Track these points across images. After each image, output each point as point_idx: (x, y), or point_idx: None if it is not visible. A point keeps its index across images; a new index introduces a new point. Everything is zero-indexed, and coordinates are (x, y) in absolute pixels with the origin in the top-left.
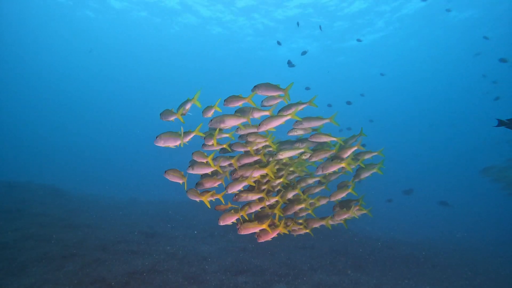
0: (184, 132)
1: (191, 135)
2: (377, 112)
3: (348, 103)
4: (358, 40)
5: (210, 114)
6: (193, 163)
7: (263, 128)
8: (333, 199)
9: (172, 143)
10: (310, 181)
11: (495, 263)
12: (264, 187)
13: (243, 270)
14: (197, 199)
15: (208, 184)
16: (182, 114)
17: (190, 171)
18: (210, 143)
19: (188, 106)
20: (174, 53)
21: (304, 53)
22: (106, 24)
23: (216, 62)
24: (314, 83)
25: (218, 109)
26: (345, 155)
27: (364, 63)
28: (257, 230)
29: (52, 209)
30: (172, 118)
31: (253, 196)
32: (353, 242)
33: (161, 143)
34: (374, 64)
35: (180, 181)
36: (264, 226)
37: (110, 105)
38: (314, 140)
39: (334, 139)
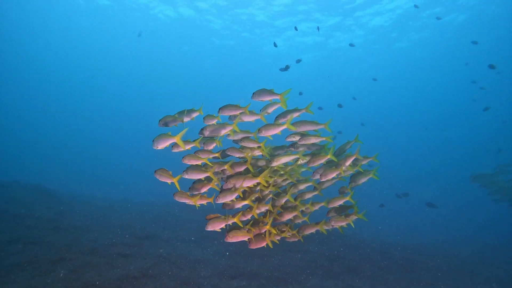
0: (183, 141)
1: (191, 145)
2: (368, 115)
3: (339, 106)
4: (351, 45)
5: (212, 122)
6: (188, 168)
7: (261, 134)
8: (331, 205)
9: (162, 145)
10: (302, 186)
11: (490, 266)
12: (255, 195)
13: (238, 274)
14: (186, 201)
15: (201, 189)
16: (181, 121)
17: (185, 176)
18: (211, 147)
19: (194, 115)
20: (172, 53)
21: (298, 61)
22: (96, 22)
23: (209, 58)
24: (306, 84)
25: (219, 118)
26: (346, 163)
27: (356, 66)
28: (244, 238)
29: (40, 210)
30: (173, 124)
31: (241, 204)
32: (347, 246)
33: (154, 146)
34: (365, 67)
35: (169, 181)
36: (249, 235)
37: (102, 103)
38: (303, 142)
39: (323, 139)
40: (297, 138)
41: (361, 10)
